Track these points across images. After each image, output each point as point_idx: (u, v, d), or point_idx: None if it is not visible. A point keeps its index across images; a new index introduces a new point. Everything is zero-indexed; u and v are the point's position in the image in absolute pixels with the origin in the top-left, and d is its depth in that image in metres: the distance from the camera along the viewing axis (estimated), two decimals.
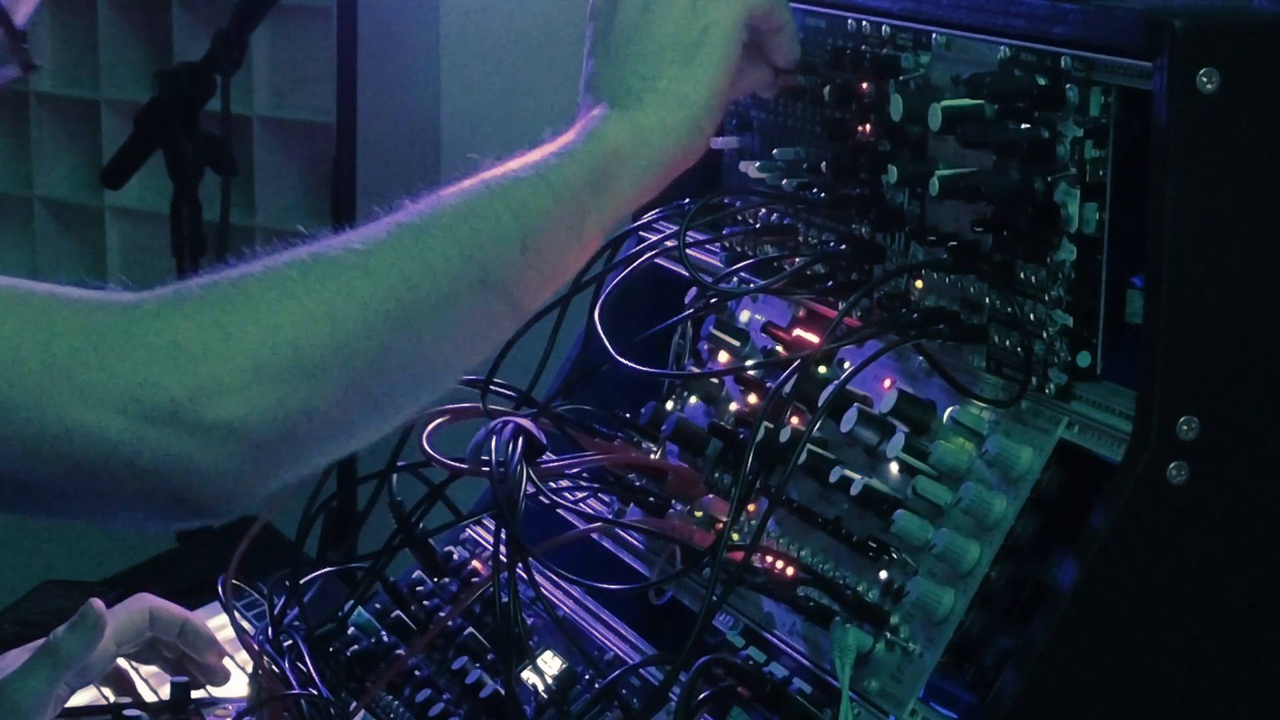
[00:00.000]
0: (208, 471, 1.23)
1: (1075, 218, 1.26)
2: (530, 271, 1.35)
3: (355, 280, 1.29)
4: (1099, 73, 1.25)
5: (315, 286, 1.28)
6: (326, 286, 1.28)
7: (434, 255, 1.31)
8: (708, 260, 1.63)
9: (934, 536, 1.31)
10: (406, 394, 1.33)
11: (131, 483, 1.24)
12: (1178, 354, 1.19)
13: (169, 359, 1.23)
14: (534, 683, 1.52)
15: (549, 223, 1.36)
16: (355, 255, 1.30)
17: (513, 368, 1.54)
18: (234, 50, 3.07)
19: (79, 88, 4.02)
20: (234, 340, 1.24)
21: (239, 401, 1.23)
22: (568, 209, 1.36)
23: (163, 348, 1.23)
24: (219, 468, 1.23)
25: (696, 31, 1.42)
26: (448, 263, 1.32)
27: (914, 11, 1.39)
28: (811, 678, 1.37)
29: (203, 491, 1.24)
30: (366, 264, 1.29)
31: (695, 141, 1.41)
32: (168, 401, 1.22)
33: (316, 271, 1.28)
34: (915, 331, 1.37)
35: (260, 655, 1.55)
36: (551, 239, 1.36)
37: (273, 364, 1.24)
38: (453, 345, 1.34)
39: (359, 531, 1.68)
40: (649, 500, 1.55)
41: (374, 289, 1.29)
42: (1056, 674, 1.20)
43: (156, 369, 1.22)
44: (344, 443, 1.31)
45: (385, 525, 1.59)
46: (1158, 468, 1.20)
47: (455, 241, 1.33)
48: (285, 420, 1.25)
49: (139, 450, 1.22)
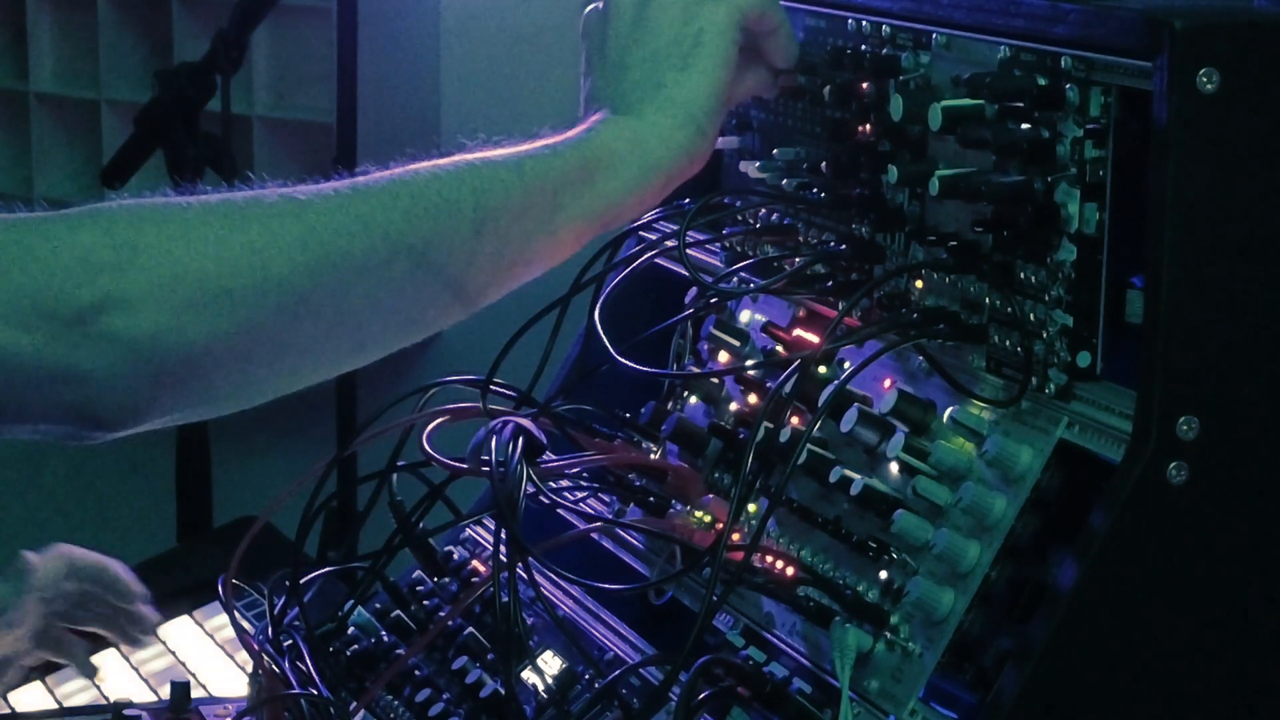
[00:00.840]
0: (103, 384, 1.25)
1: (1075, 218, 1.26)
2: (482, 257, 1.34)
3: (285, 223, 1.29)
4: (1099, 73, 1.25)
5: (240, 222, 1.28)
6: (253, 224, 1.28)
7: (376, 215, 1.31)
8: (708, 260, 1.63)
9: (934, 536, 1.31)
10: (319, 349, 1.33)
11: (30, 393, 1.25)
12: (1178, 354, 1.19)
13: (75, 268, 1.24)
14: (534, 683, 1.52)
15: (513, 210, 1.35)
16: (293, 202, 1.30)
17: (513, 368, 1.54)
18: (234, 50, 3.08)
19: (79, 88, 4.02)
20: (143, 257, 1.25)
21: (140, 318, 1.24)
22: (538, 201, 1.36)
23: (69, 258, 1.24)
24: (115, 381, 1.25)
25: (690, 37, 1.42)
26: (388, 226, 1.31)
27: (914, 11, 1.39)
28: (811, 678, 1.37)
29: (99, 403, 1.26)
30: (301, 211, 1.29)
31: (697, 147, 1.41)
32: (69, 311, 1.23)
33: (247, 209, 1.29)
34: (915, 331, 1.37)
35: (260, 655, 1.55)
36: (513, 227, 1.35)
37: (181, 288, 1.25)
38: (379, 315, 1.34)
39: (359, 531, 1.68)
40: (649, 500, 1.55)
41: (302, 235, 1.29)
42: (1056, 674, 1.20)
43: (61, 278, 1.23)
44: (247, 384, 1.32)
45: (385, 525, 1.59)
46: (1158, 468, 1.20)
47: (402, 208, 1.32)
48: (185, 345, 1.26)
49: (35, 360, 1.23)
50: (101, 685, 1.91)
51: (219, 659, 1.95)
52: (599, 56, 1.46)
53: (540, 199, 1.36)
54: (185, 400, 1.29)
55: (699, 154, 1.42)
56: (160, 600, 2.24)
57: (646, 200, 1.41)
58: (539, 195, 1.36)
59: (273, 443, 3.78)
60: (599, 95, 1.45)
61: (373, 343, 1.35)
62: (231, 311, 1.27)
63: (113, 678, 1.93)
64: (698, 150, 1.41)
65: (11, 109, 4.13)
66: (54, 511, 4.10)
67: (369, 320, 1.33)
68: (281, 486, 1.57)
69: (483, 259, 1.34)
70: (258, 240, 1.28)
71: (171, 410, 1.29)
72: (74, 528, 4.01)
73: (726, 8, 1.43)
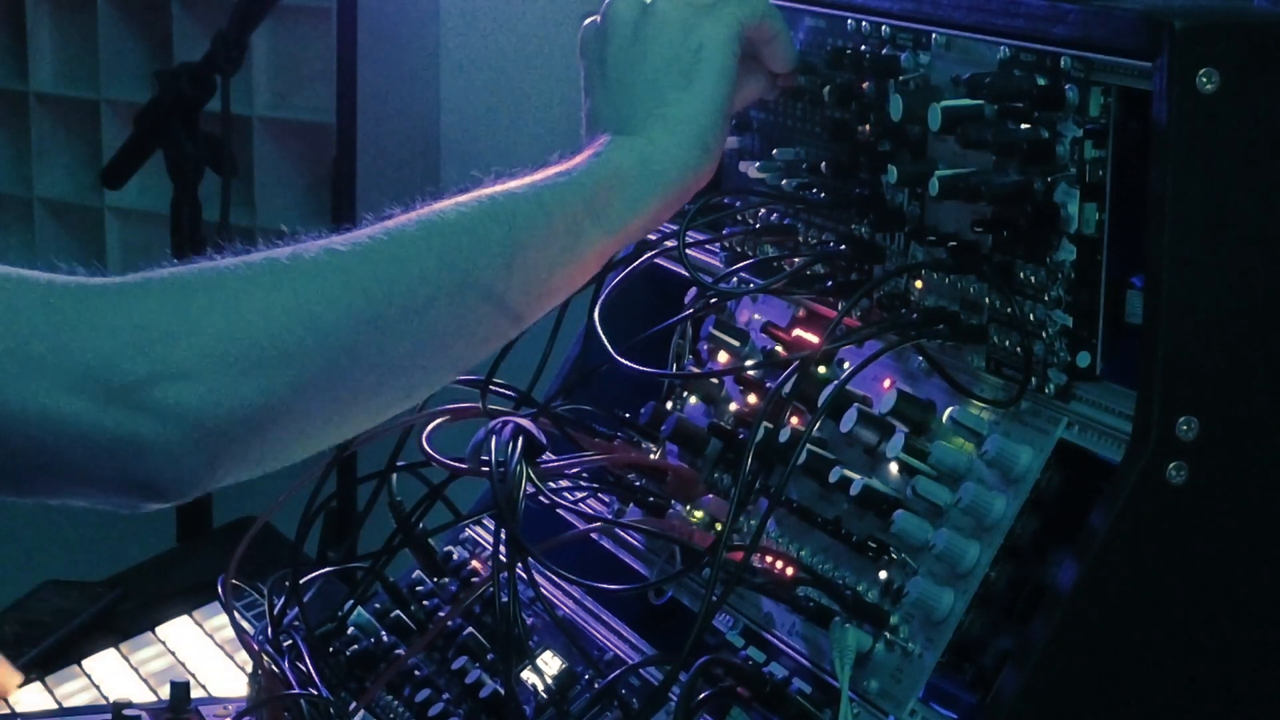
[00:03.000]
0: (161, 455, 1.25)
1: (1075, 218, 1.26)
2: (514, 290, 1.35)
3: (328, 276, 1.29)
4: (1099, 73, 1.25)
5: (285, 280, 1.28)
6: (297, 281, 1.29)
7: (412, 259, 1.32)
8: (708, 260, 1.63)
9: (934, 536, 1.31)
10: (369, 397, 1.33)
11: (85, 463, 1.25)
12: (1178, 354, 1.19)
13: (129, 339, 1.24)
14: (534, 683, 1.52)
15: (540, 243, 1.36)
16: (332, 254, 1.30)
17: (513, 368, 1.54)
18: (234, 50, 3.08)
19: (79, 88, 4.02)
20: (196, 325, 1.25)
21: (196, 387, 1.24)
22: (561, 231, 1.36)
23: (124, 328, 1.24)
24: (173, 452, 1.25)
25: (690, 52, 1.42)
26: (424, 269, 1.32)
27: (914, 11, 1.39)
28: (811, 678, 1.37)
29: (155, 475, 1.26)
30: (343, 263, 1.30)
31: (705, 163, 1.41)
32: (125, 382, 1.23)
33: (290, 266, 1.29)
34: (915, 332, 1.37)
35: (260, 655, 1.55)
36: (542, 258, 1.36)
37: (234, 352, 1.25)
38: (428, 350, 1.34)
39: (359, 531, 1.68)
40: (649, 500, 1.55)
41: (346, 286, 1.29)
42: (1056, 674, 1.20)
43: (116, 349, 1.23)
44: (304, 440, 1.32)
45: (385, 525, 1.59)
46: (1158, 468, 1.20)
47: (436, 249, 1.33)
48: (242, 410, 1.25)
49: (93, 430, 1.23)
50: (101, 685, 1.91)
51: (219, 659, 1.95)
52: (599, 75, 1.46)
53: (563, 228, 1.36)
54: (243, 464, 1.29)
55: (706, 170, 1.42)
56: (160, 600, 2.24)
57: (660, 218, 1.42)
58: (561, 223, 1.36)
59: None
60: (601, 115, 1.44)
61: (421, 383, 1.36)
62: (284, 370, 1.27)
63: (112, 678, 1.93)
64: (705, 166, 1.42)
65: (11, 109, 4.13)
66: (54, 512, 4.10)
67: (414, 363, 1.34)
68: (281, 486, 1.57)
69: (515, 292, 1.35)
70: (304, 297, 1.28)
71: (230, 475, 1.30)
72: (74, 528, 4.01)
73: (726, 20, 1.43)
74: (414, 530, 1.59)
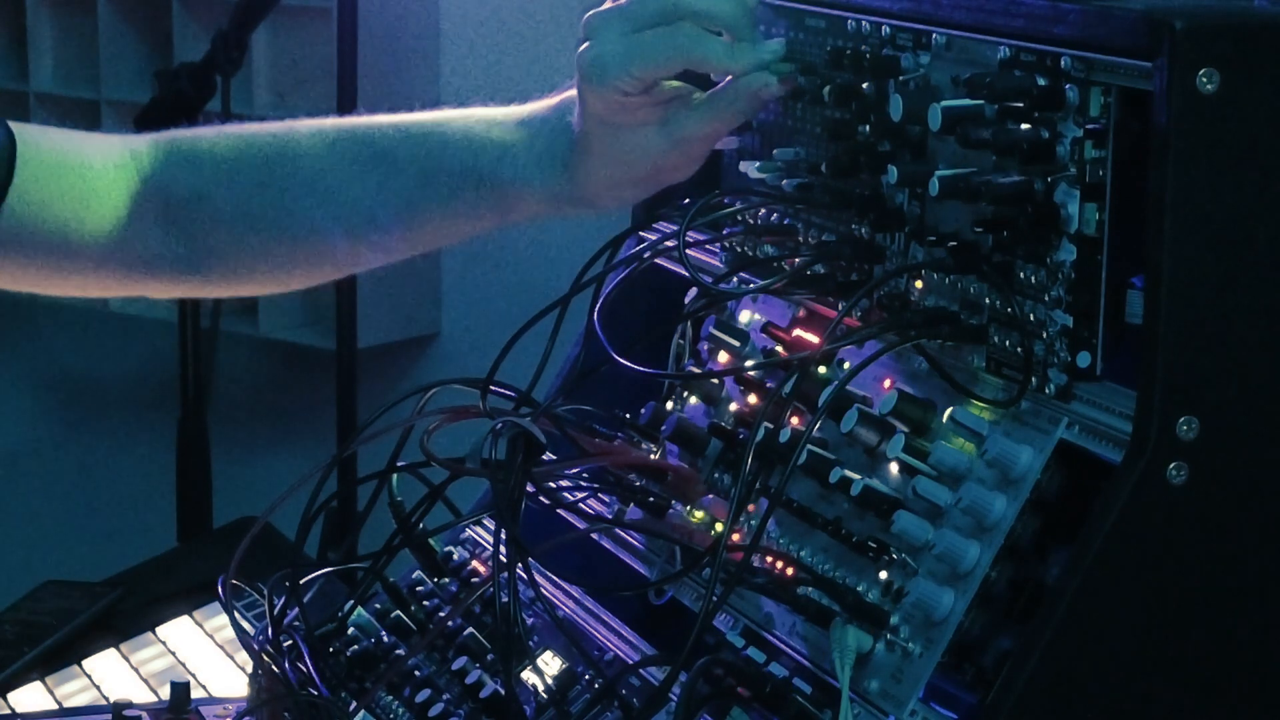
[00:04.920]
0: None
1: (1075, 218, 1.27)
2: (391, 231, 1.56)
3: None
4: (1099, 73, 1.25)
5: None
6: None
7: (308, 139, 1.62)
8: (708, 260, 1.63)
9: (934, 537, 1.31)
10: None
11: None
12: (1178, 354, 1.19)
13: None
14: (534, 683, 1.52)
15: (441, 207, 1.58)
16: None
17: (513, 368, 1.54)
18: (234, 50, 3.08)
19: (79, 88, 4.02)
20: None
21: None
22: (467, 209, 1.56)
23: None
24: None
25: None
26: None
27: (914, 11, 1.39)
28: (811, 678, 1.37)
29: None
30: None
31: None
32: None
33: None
34: (915, 332, 1.37)
35: (260, 655, 1.55)
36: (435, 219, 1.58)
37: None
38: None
39: (359, 531, 1.68)
40: (649, 500, 1.55)
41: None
42: (1056, 674, 1.20)
43: None
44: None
45: (385, 525, 1.59)
46: (1158, 468, 1.20)
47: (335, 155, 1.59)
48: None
49: None
50: (101, 685, 1.91)
51: (219, 659, 1.95)
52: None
53: (470, 208, 1.66)
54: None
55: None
56: (160, 600, 2.25)
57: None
58: (469, 205, 1.66)
59: (273, 443, 3.78)
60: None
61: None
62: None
63: (112, 678, 1.93)
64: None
65: (11, 109, 4.12)
66: (54, 512, 4.10)
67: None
68: (281, 486, 1.57)
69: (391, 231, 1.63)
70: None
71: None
72: (74, 528, 4.02)
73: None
74: (414, 530, 1.59)
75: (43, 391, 4.14)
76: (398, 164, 1.59)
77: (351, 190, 1.60)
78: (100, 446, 4.01)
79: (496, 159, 1.58)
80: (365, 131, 1.63)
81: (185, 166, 1.66)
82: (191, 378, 3.32)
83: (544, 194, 1.57)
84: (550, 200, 1.57)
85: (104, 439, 4.00)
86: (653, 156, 1.52)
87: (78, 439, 4.05)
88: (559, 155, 1.56)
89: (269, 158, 1.64)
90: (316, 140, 1.64)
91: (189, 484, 3.32)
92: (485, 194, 1.59)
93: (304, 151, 1.63)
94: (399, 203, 1.60)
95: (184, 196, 1.66)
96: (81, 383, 4.06)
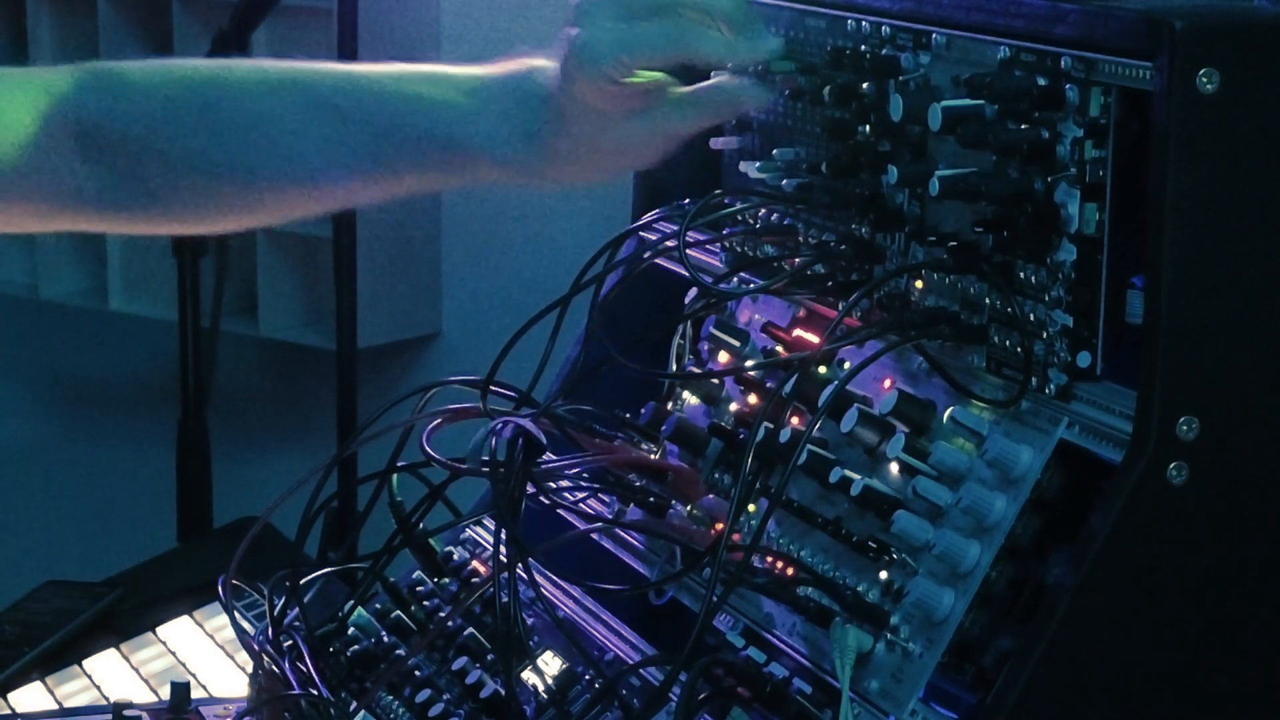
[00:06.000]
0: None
1: (1075, 218, 1.27)
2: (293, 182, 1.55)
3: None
4: (1099, 73, 1.25)
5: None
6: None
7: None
8: (708, 260, 1.63)
9: (934, 537, 1.31)
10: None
11: None
12: (1178, 354, 1.19)
13: None
14: (534, 683, 1.52)
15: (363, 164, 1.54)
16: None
17: (513, 368, 1.54)
18: (234, 50, 3.08)
19: None
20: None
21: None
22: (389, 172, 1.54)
23: None
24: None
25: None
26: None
27: (914, 11, 1.39)
28: (811, 678, 1.37)
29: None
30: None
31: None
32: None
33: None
34: (915, 332, 1.37)
35: (260, 655, 1.55)
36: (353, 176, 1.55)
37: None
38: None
39: (359, 531, 1.68)
40: (649, 500, 1.55)
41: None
42: (1056, 674, 1.20)
43: None
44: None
45: (385, 525, 1.59)
46: (1158, 468, 1.20)
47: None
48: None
49: None
50: (101, 685, 1.92)
51: (219, 659, 1.95)
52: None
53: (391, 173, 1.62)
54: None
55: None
56: (161, 600, 2.25)
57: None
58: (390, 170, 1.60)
59: (273, 443, 3.77)
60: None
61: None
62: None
63: (113, 678, 1.93)
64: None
65: None
66: (54, 511, 4.10)
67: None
68: (281, 486, 1.57)
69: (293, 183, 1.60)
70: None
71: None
72: (74, 528, 4.01)
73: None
74: (414, 530, 1.59)
75: (43, 391, 4.13)
76: (345, 117, 1.55)
77: (296, 142, 1.56)
78: (100, 446, 4.00)
79: (451, 121, 1.53)
80: (310, 79, 1.58)
81: (109, 95, 1.58)
82: (191, 378, 3.32)
83: (500, 162, 1.53)
84: (505, 168, 1.53)
85: (104, 439, 4.00)
86: (628, 145, 1.51)
87: (78, 439, 4.04)
88: (520, 126, 1.52)
89: (207, 99, 1.58)
90: (258, 83, 1.58)
91: (189, 484, 3.32)
92: (435, 155, 1.54)
93: (245, 94, 1.57)
94: (344, 155, 1.54)
95: (110, 128, 1.58)
96: (81, 383, 4.06)
